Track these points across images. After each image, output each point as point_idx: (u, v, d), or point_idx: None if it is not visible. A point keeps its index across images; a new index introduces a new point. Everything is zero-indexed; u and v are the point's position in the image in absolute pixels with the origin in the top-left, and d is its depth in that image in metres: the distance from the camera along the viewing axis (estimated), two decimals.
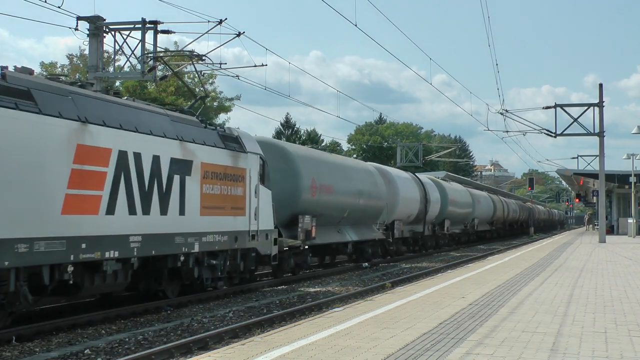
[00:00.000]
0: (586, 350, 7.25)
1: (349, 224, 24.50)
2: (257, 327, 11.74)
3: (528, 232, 72.14)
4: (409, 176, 33.78)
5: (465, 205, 43.31)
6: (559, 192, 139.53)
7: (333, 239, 23.33)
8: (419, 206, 32.60)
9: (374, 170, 28.25)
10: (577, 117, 37.11)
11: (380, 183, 27.46)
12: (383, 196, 27.34)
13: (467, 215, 43.94)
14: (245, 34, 22.51)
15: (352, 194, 24.24)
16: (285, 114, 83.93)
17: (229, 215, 15.62)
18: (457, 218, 41.37)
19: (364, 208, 25.31)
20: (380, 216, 27.45)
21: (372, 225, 26.96)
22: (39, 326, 11.38)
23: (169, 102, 47.23)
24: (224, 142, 15.74)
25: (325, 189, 21.82)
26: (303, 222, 20.06)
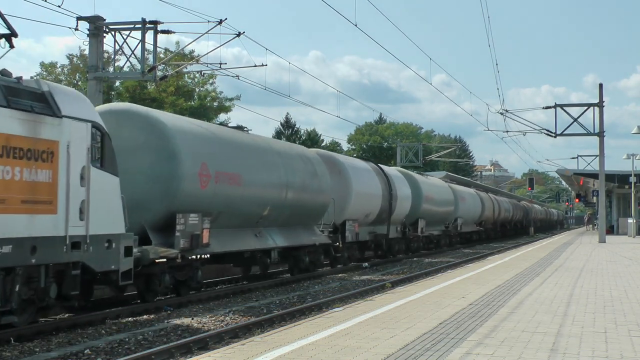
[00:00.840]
0: (586, 350, 7.25)
1: (275, 225, 19.28)
2: (257, 327, 11.74)
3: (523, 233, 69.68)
4: (368, 166, 28.22)
5: (446, 203, 38.12)
6: (559, 192, 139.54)
7: (245, 245, 17.58)
8: (381, 203, 27.08)
9: (314, 157, 22.72)
10: (577, 117, 37.14)
11: (323, 173, 22.21)
12: (327, 190, 22.13)
13: (447, 214, 38.86)
14: (245, 34, 22.54)
15: (276, 185, 18.75)
16: (285, 114, 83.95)
17: (17, 212, 10.19)
18: (435, 217, 36.11)
19: (297, 205, 20.00)
20: (324, 215, 22.40)
21: (312, 226, 21.93)
22: (39, 326, 11.38)
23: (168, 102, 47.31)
24: (9, 97, 10.31)
25: (227, 178, 16.27)
26: (185, 222, 14.67)
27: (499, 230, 60.30)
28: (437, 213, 36.29)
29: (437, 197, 36.31)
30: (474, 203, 46.86)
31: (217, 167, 15.98)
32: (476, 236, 49.59)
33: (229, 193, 16.47)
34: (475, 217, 47.22)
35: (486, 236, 53.58)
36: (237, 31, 22.62)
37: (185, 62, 37.20)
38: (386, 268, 25.82)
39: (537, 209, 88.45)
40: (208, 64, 26.45)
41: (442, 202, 37.26)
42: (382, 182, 27.91)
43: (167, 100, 48.34)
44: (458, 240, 43.08)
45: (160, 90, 48.62)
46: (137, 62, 23.54)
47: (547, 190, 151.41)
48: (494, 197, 58.89)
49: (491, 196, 56.74)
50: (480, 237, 51.09)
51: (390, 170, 31.31)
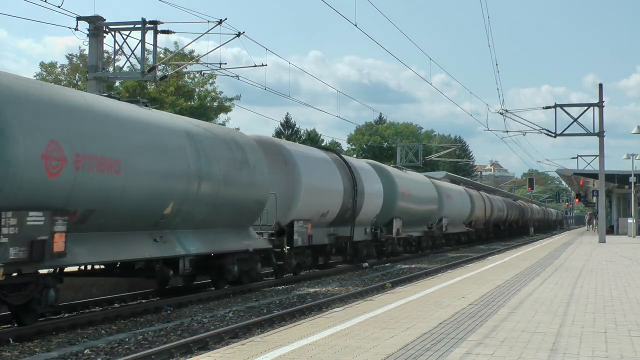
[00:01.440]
0: (586, 350, 7.25)
1: (189, 227, 15.13)
2: (257, 327, 11.74)
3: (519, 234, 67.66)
4: (326, 156, 23.44)
5: (427, 201, 34.11)
6: (559, 192, 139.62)
7: (135, 252, 13.36)
8: (342, 200, 22.79)
9: (247, 142, 18.00)
10: (577, 117, 37.14)
11: (258, 163, 17.72)
12: (264, 183, 17.80)
13: (430, 213, 34.86)
14: (245, 34, 22.56)
15: (182, 176, 14.32)
16: (285, 114, 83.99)
17: None
18: (415, 217, 31.90)
19: (219, 201, 15.75)
20: (261, 214, 18.10)
21: (247, 228, 17.63)
22: (39, 326, 11.38)
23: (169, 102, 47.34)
24: None
25: (97, 163, 11.97)
26: (19, 224, 10.40)
27: (492, 231, 56.15)
28: (418, 212, 32.27)
29: (417, 194, 32.33)
30: (462, 201, 43.14)
31: (79, 148, 11.59)
32: (465, 238, 45.47)
33: (103, 184, 12.13)
34: (463, 216, 43.56)
35: (477, 237, 49.53)
36: (237, 31, 22.66)
37: (185, 62, 37.21)
38: (386, 268, 25.82)
39: (535, 208, 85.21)
40: (208, 64, 26.48)
41: (423, 199, 33.22)
42: (345, 175, 23.62)
43: (167, 100, 48.38)
44: (443, 243, 39.34)
45: (160, 90, 48.68)
46: (137, 62, 23.57)
47: (547, 190, 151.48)
48: (486, 195, 54.89)
49: (483, 194, 52.69)
50: (470, 238, 46.99)
51: (357, 162, 27.20)
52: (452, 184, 46.27)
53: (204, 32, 22.36)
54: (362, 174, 25.34)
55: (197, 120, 17.38)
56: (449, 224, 38.71)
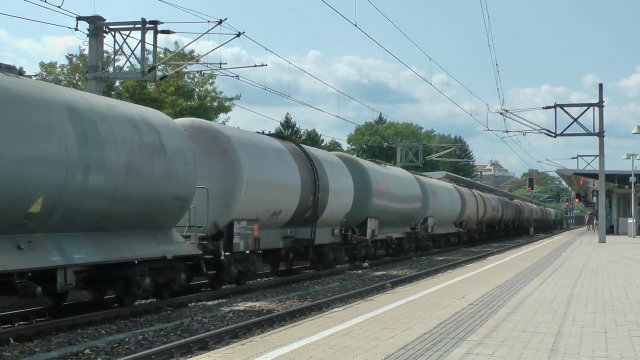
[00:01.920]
0: (586, 350, 7.25)
1: (77, 229, 12.03)
2: (257, 327, 11.75)
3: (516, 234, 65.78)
4: (280, 146, 19.86)
5: (410, 199, 30.79)
6: (559, 192, 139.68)
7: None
8: (299, 197, 19.47)
9: (165, 124, 14.37)
10: (577, 117, 37.15)
11: (179, 150, 14.22)
12: (188, 175, 14.42)
13: (413, 213, 31.69)
14: (245, 34, 22.55)
15: (55, 163, 11.19)
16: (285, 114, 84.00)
17: None
18: (395, 217, 28.86)
19: (120, 196, 12.57)
20: (189, 214, 14.92)
21: (167, 231, 14.27)
22: (39, 326, 11.39)
23: None
24: None
25: None
26: None
27: (485, 232, 52.86)
28: (398, 211, 29.10)
29: (397, 191, 28.98)
30: (452, 200, 39.94)
31: None
32: (455, 239, 42.38)
33: None
34: (453, 216, 40.54)
35: (469, 239, 46.39)
36: (237, 31, 22.65)
37: (185, 62, 37.22)
38: (386, 268, 25.83)
39: (533, 208, 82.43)
40: (208, 64, 26.48)
41: (404, 197, 29.96)
42: (304, 168, 20.21)
43: (167, 100, 48.39)
44: (430, 245, 36.17)
45: (160, 90, 48.68)
46: (137, 62, 23.57)
47: (547, 190, 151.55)
48: (479, 193, 51.56)
49: (475, 192, 49.54)
50: (461, 240, 44.15)
51: (322, 153, 23.83)
52: (440, 180, 43.45)
53: (204, 32, 22.36)
54: (328, 167, 22.20)
55: (92, 95, 14.08)
56: (436, 224, 35.61)
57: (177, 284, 14.51)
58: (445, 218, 38.49)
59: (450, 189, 41.15)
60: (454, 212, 40.71)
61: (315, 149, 25.16)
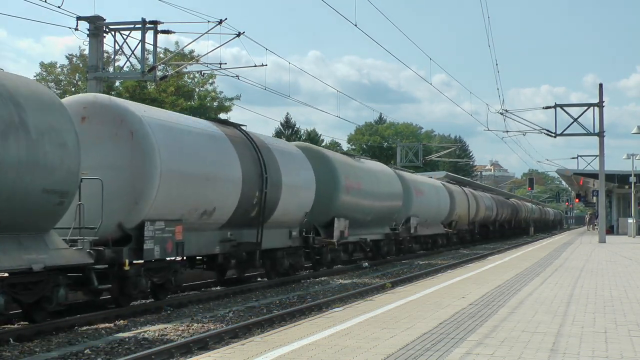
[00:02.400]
0: (586, 350, 7.25)
1: None
2: (257, 327, 11.74)
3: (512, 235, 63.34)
4: (215, 130, 16.25)
5: (388, 196, 27.13)
6: (559, 192, 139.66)
7: None
8: (240, 192, 16.17)
9: (31, 95, 11.00)
10: (577, 117, 37.14)
11: (54, 129, 11.11)
12: (70, 162, 11.33)
13: (393, 211, 27.99)
14: (245, 34, 22.56)
15: None
16: (285, 114, 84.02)
17: None
18: (370, 216, 25.29)
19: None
20: (62, 211, 11.47)
21: (40, 234, 11.12)
22: (39, 326, 11.38)
23: None
24: None
25: None
26: None
27: (478, 233, 49.23)
28: (373, 210, 25.46)
29: (371, 187, 25.21)
30: (439, 198, 36.57)
31: None
32: (443, 240, 38.87)
33: None
34: (440, 216, 37.15)
35: (459, 240, 43.40)
36: (237, 31, 22.67)
37: (185, 62, 37.23)
38: (386, 268, 25.82)
39: (530, 207, 79.34)
40: (208, 64, 26.49)
41: (381, 194, 26.32)
42: (248, 158, 16.77)
43: (167, 100, 48.40)
44: (412, 247, 32.61)
45: (160, 90, 48.71)
46: (137, 62, 23.59)
47: (547, 190, 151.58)
48: (471, 192, 48.14)
49: (467, 191, 46.08)
50: (451, 241, 40.77)
51: (276, 142, 20.19)
52: (425, 176, 40.50)
53: (204, 32, 22.38)
54: (281, 157, 18.58)
55: None
56: (421, 224, 32.11)
57: (54, 303, 11.48)
58: (432, 218, 35.07)
59: (437, 186, 37.84)
60: (442, 212, 37.39)
61: (269, 137, 21.17)
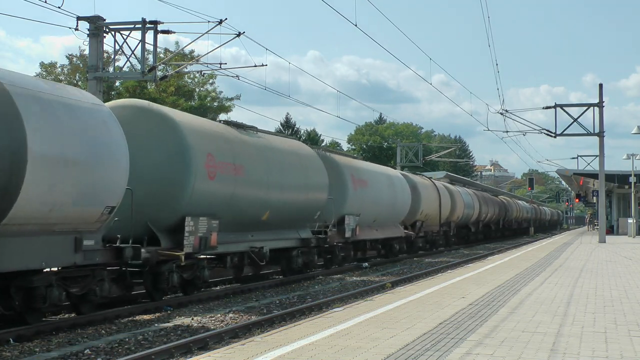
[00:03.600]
0: (586, 350, 7.25)
1: None
2: (257, 327, 11.74)
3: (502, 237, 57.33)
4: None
5: (304, 187, 19.91)
6: (559, 192, 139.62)
7: None
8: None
9: None
10: (577, 118, 37.14)
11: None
12: None
13: (312, 207, 20.61)
14: (245, 34, 22.55)
15: None
16: (285, 114, 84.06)
17: None
18: (261, 215, 17.72)
19: None
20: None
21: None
22: (39, 326, 11.38)
23: None
24: None
25: None
26: None
27: (454, 235, 41.03)
28: (268, 205, 17.86)
29: (266, 173, 17.83)
30: (394, 192, 28.56)
31: None
32: (401, 246, 30.28)
33: None
34: (398, 214, 29.35)
35: (427, 245, 35.55)
36: (237, 31, 22.64)
37: (185, 62, 37.23)
38: (386, 268, 25.82)
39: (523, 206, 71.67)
40: (208, 64, 26.48)
41: (288, 185, 18.84)
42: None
43: (168, 100, 48.39)
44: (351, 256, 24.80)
45: (160, 91, 48.70)
46: (137, 62, 23.56)
47: (547, 190, 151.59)
48: (445, 185, 40.17)
49: (438, 184, 37.99)
50: (415, 246, 33.02)
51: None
52: (374, 164, 31.87)
53: (204, 32, 22.34)
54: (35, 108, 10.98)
55: None
56: (364, 225, 24.86)
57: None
58: (383, 217, 27.15)
59: (393, 176, 29.98)
60: (402, 209, 29.67)
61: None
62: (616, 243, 36.09)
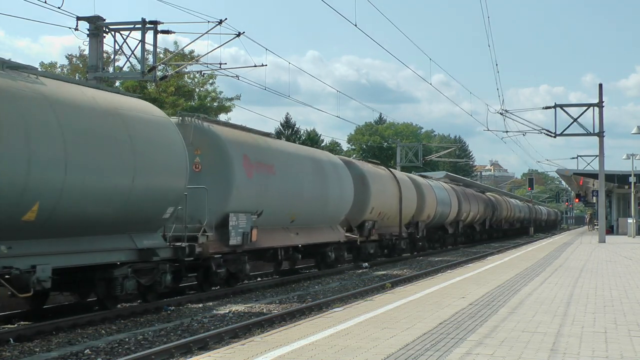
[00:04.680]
0: (586, 350, 7.25)
1: None
2: (257, 327, 11.75)
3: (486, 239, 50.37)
4: None
5: (109, 171, 12.16)
6: (558, 192, 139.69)
7: None
8: None
9: None
10: (576, 118, 37.13)
11: None
12: None
13: (160, 204, 13.66)
14: (245, 34, 22.54)
15: None
16: (285, 114, 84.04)
17: None
18: (85, 217, 11.81)
19: None
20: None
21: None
22: (39, 326, 11.39)
23: None
24: None
25: None
26: None
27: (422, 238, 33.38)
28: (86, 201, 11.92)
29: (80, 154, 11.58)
30: (328, 183, 22.04)
31: None
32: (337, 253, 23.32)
33: None
34: (336, 213, 22.88)
35: (379, 252, 28.05)
36: (237, 31, 22.64)
37: (185, 62, 37.23)
38: (386, 268, 25.81)
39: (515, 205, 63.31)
40: (208, 64, 26.47)
41: (101, 166, 12.05)
42: None
43: (168, 100, 48.37)
44: (243, 273, 17.57)
45: (160, 91, 48.65)
46: (137, 62, 23.56)
47: (547, 190, 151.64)
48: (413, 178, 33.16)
49: (400, 175, 30.99)
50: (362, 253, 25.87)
51: None
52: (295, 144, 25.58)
53: (204, 32, 22.34)
54: None
55: None
56: (268, 227, 18.25)
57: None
58: (307, 215, 20.56)
59: (322, 160, 22.69)
60: (337, 206, 22.76)
61: None
62: (616, 243, 36.09)
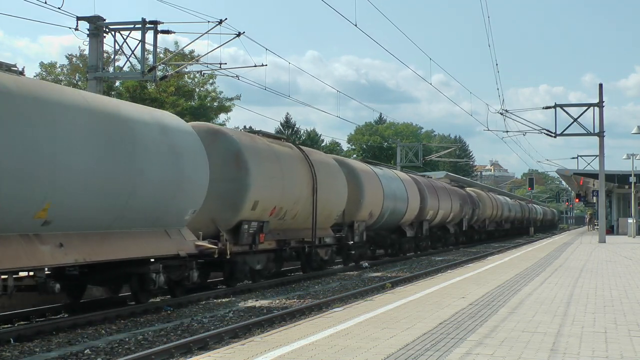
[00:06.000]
0: (586, 350, 7.25)
1: None
2: (257, 327, 11.75)
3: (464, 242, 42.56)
4: None
5: None
6: (559, 192, 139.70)
7: None
8: None
9: None
10: (577, 117, 37.12)
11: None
12: None
13: None
14: (245, 34, 22.55)
15: None
16: (285, 114, 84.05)
17: None
18: None
19: None
20: None
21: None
22: (39, 326, 11.39)
23: None
24: None
25: None
26: None
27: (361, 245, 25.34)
28: None
29: None
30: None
31: None
32: (165, 275, 14.59)
33: None
34: (174, 212, 14.23)
35: (271, 262, 19.34)
36: (237, 31, 22.64)
37: (185, 62, 37.22)
38: (386, 268, 25.81)
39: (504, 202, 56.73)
40: (208, 64, 26.47)
41: None
42: None
43: (168, 100, 48.36)
44: None
45: (160, 91, 48.65)
46: (137, 62, 23.57)
47: (547, 190, 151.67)
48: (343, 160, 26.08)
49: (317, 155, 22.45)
50: (236, 271, 17.23)
51: None
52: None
53: (204, 32, 22.36)
54: None
55: None
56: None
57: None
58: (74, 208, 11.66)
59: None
60: (173, 200, 14.17)
61: None
62: (616, 243, 36.08)
